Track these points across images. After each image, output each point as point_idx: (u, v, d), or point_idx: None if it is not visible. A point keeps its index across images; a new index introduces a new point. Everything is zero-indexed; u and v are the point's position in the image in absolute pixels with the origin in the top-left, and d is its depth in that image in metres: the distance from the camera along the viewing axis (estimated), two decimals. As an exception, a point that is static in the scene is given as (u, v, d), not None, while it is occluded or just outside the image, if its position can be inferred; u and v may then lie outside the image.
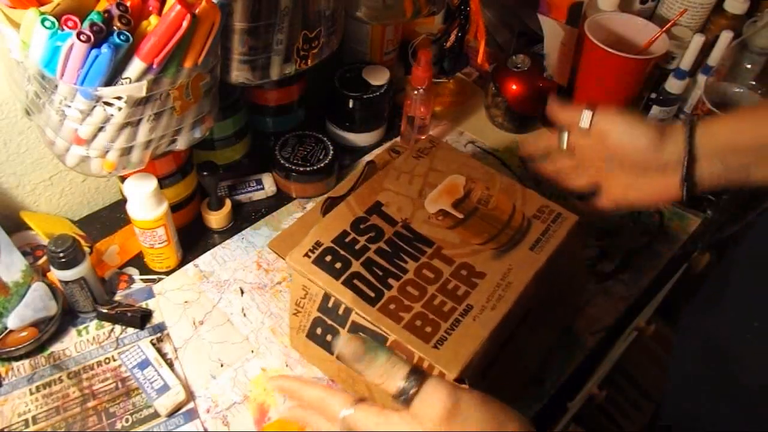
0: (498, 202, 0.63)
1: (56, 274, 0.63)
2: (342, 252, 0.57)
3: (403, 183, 0.64)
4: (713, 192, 0.84)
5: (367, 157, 0.89)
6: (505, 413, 0.40)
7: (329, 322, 0.59)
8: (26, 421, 0.60)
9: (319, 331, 0.61)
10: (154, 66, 0.53)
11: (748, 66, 0.82)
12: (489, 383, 0.55)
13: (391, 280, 0.56)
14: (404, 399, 0.40)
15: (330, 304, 0.58)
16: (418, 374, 0.40)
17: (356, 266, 0.56)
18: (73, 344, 0.66)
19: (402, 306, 0.54)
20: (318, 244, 0.58)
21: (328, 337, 0.61)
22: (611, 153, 0.62)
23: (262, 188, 0.82)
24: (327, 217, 0.61)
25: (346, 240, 0.58)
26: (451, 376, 0.50)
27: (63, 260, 0.62)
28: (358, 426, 0.42)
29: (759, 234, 0.53)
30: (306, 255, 0.57)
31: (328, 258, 0.57)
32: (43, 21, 0.50)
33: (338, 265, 0.56)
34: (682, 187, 0.59)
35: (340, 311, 0.58)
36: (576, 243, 0.64)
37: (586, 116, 0.62)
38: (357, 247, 0.58)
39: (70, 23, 0.51)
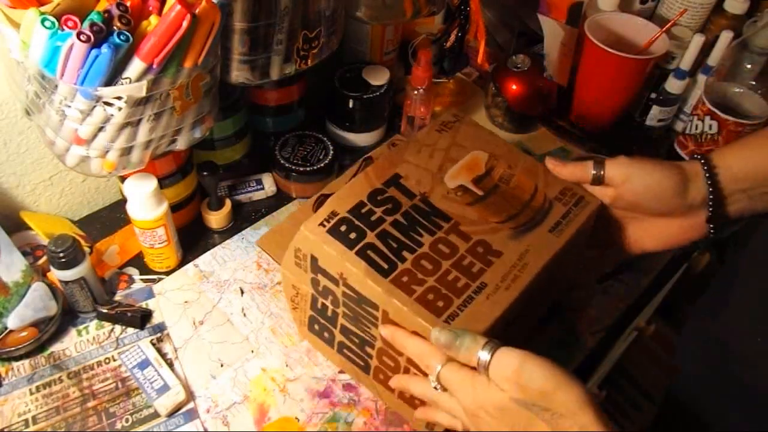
0: (520, 181, 0.61)
1: (56, 274, 0.63)
2: (357, 222, 0.56)
3: (424, 156, 0.62)
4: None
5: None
6: (564, 375, 0.45)
7: (322, 321, 0.59)
8: (26, 421, 0.60)
9: (317, 327, 0.61)
10: (154, 66, 0.53)
11: (748, 66, 0.82)
12: None
13: (405, 253, 0.54)
14: (484, 366, 0.46)
15: (319, 306, 0.58)
16: (492, 345, 0.47)
17: (371, 237, 0.55)
18: (73, 344, 0.66)
19: (415, 279, 0.53)
20: (333, 213, 0.56)
21: (326, 334, 0.61)
22: (631, 202, 0.60)
23: (262, 188, 0.82)
24: (344, 187, 0.59)
25: (362, 211, 0.57)
26: None
27: (63, 260, 0.62)
28: (448, 379, 0.49)
29: (765, 236, 0.53)
30: (321, 224, 0.55)
31: (343, 228, 0.55)
32: (43, 21, 0.50)
33: (353, 235, 0.55)
34: (708, 225, 0.58)
35: (329, 313, 0.57)
36: (590, 229, 0.63)
37: (595, 170, 0.59)
38: (373, 218, 0.56)
39: (70, 23, 0.51)
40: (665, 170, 0.57)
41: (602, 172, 0.59)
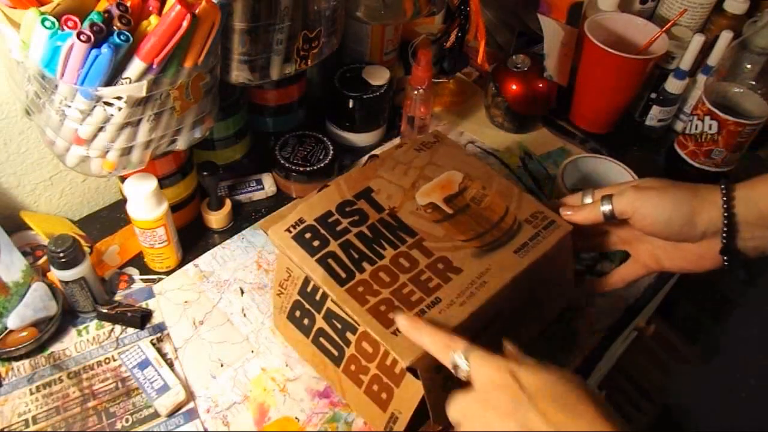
0: (492, 202, 0.62)
1: (56, 274, 0.63)
2: (322, 231, 0.57)
3: (398, 173, 0.63)
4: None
5: (376, 151, 0.89)
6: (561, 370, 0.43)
7: (307, 306, 0.59)
8: (26, 421, 0.60)
9: (297, 313, 0.61)
10: (154, 66, 0.53)
11: (748, 66, 0.82)
12: (447, 378, 0.53)
13: (365, 264, 0.55)
14: (458, 371, 0.45)
15: (309, 289, 0.58)
16: (470, 351, 0.45)
17: (333, 246, 0.56)
18: (73, 344, 0.66)
19: (370, 290, 0.53)
20: (300, 220, 0.58)
21: (305, 321, 0.60)
22: (643, 231, 0.58)
23: (262, 188, 0.82)
24: (316, 196, 0.60)
25: (329, 220, 0.58)
26: (403, 364, 0.49)
27: (63, 260, 0.62)
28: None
29: None
30: (287, 230, 0.57)
31: (308, 235, 0.57)
32: (43, 21, 0.50)
33: (316, 243, 0.56)
34: (721, 258, 0.55)
35: (318, 296, 0.58)
36: (567, 254, 0.62)
37: (604, 208, 0.58)
38: (338, 228, 0.58)
39: (70, 23, 0.51)
40: (675, 199, 0.55)
41: (611, 208, 0.57)
